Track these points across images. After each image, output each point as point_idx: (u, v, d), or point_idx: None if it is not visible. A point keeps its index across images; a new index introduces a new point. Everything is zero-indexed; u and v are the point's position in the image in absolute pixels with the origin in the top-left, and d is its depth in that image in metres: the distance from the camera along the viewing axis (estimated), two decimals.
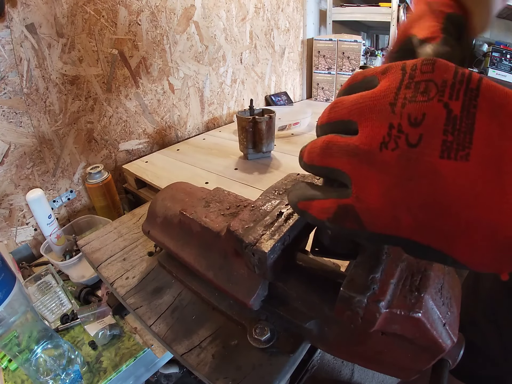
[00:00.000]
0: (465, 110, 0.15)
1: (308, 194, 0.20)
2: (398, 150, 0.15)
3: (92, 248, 0.51)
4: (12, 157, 0.70)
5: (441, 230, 0.15)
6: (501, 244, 0.14)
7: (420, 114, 0.15)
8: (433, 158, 0.15)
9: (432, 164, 0.15)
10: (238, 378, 0.31)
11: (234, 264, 0.34)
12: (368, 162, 0.16)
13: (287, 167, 0.82)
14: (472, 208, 0.14)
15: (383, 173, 0.16)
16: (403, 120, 0.15)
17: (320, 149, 0.19)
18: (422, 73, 0.16)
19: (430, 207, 0.15)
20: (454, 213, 0.14)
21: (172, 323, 0.38)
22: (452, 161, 0.14)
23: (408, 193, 0.15)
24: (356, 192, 0.17)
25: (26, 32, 0.66)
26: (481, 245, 0.15)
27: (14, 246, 0.76)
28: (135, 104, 0.93)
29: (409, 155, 0.15)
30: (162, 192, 0.46)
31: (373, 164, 0.16)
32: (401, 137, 0.15)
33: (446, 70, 0.16)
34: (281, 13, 1.36)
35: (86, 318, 0.55)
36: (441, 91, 0.15)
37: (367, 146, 0.16)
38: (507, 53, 2.12)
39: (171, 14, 0.95)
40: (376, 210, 0.16)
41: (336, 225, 0.18)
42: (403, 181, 0.15)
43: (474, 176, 0.14)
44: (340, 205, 0.18)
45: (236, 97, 1.28)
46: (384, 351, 0.27)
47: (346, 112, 0.18)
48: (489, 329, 0.48)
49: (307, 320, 0.32)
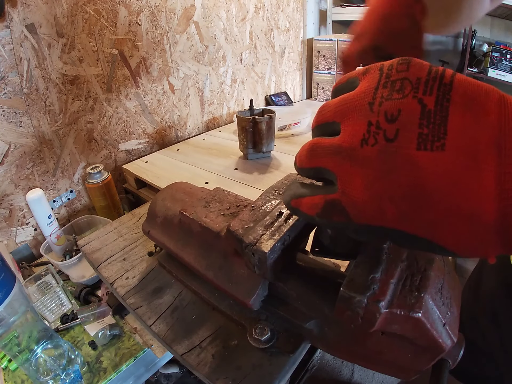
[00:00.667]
0: (438, 104, 0.15)
1: (299, 192, 0.21)
2: (377, 145, 0.16)
3: (92, 248, 0.51)
4: (12, 157, 0.70)
5: (424, 219, 0.16)
6: (483, 229, 0.15)
7: (396, 111, 0.16)
8: (411, 150, 0.15)
9: (410, 156, 0.15)
10: (238, 378, 0.31)
11: (234, 264, 0.34)
12: (351, 158, 0.17)
13: (287, 167, 0.82)
14: (452, 196, 0.15)
15: (365, 168, 0.17)
16: (380, 117, 0.16)
17: (306, 151, 0.20)
18: (398, 72, 0.17)
19: (411, 197, 0.16)
20: (435, 202, 0.15)
21: (172, 323, 0.38)
22: (428, 152, 0.15)
23: (390, 185, 0.16)
24: (342, 187, 0.18)
25: (26, 32, 0.66)
26: (464, 231, 0.15)
27: (14, 246, 0.76)
28: (135, 104, 0.93)
29: (388, 149, 0.16)
30: (162, 192, 0.46)
31: (355, 160, 0.17)
32: (379, 133, 0.16)
33: (421, 68, 0.17)
34: (281, 13, 1.36)
35: (86, 318, 0.55)
36: (416, 88, 0.16)
37: (349, 144, 0.17)
38: (507, 53, 2.12)
39: (171, 14, 0.95)
40: (361, 203, 0.17)
41: (325, 219, 0.19)
42: (384, 174, 0.16)
43: (451, 165, 0.15)
44: (327, 200, 0.19)
45: (236, 97, 1.28)
46: (384, 351, 0.27)
47: (330, 114, 0.19)
48: (489, 329, 0.48)
49: (307, 320, 0.32)
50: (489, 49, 2.16)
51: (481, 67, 2.21)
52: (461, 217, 0.15)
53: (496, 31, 2.29)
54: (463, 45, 2.34)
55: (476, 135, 0.14)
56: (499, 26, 2.27)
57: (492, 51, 2.14)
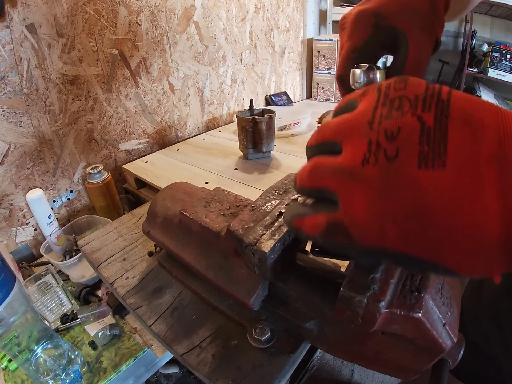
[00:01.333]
0: (437, 120, 0.15)
1: (300, 212, 0.21)
2: (378, 164, 0.16)
3: (92, 248, 0.51)
4: (12, 157, 0.70)
5: (427, 239, 0.15)
6: (487, 246, 0.14)
7: (396, 129, 0.16)
8: (412, 169, 0.15)
9: (411, 175, 0.15)
10: (238, 378, 0.31)
11: (234, 264, 0.34)
12: (353, 178, 0.17)
13: (287, 167, 0.82)
14: (454, 214, 0.14)
15: (367, 187, 0.16)
16: (381, 135, 0.16)
17: (308, 172, 0.20)
18: (396, 90, 0.17)
19: (413, 216, 0.15)
20: (438, 221, 0.15)
21: (172, 323, 0.38)
22: (430, 170, 0.15)
23: (392, 204, 0.16)
24: (344, 207, 0.17)
25: (26, 32, 0.66)
26: (468, 250, 0.15)
27: (14, 246, 0.76)
28: (135, 104, 0.93)
29: (389, 168, 0.16)
30: (162, 192, 0.46)
31: (357, 180, 0.17)
32: (380, 152, 0.16)
33: (418, 86, 0.17)
34: (281, 13, 1.36)
35: (86, 318, 0.55)
36: (414, 105, 0.16)
37: (350, 163, 0.17)
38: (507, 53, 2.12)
39: (171, 14, 0.95)
40: (363, 223, 0.17)
41: (327, 240, 0.19)
42: (386, 193, 0.16)
43: (453, 182, 0.14)
44: (330, 220, 0.18)
45: (236, 97, 1.28)
46: (384, 351, 0.27)
47: (330, 134, 0.19)
48: (491, 329, 0.48)
49: (307, 320, 0.32)
50: (489, 49, 2.16)
51: (481, 67, 2.21)
52: (465, 235, 0.14)
53: (496, 31, 2.29)
54: (463, 45, 2.34)
55: (476, 150, 0.14)
56: (499, 26, 2.27)
57: (492, 51, 2.14)
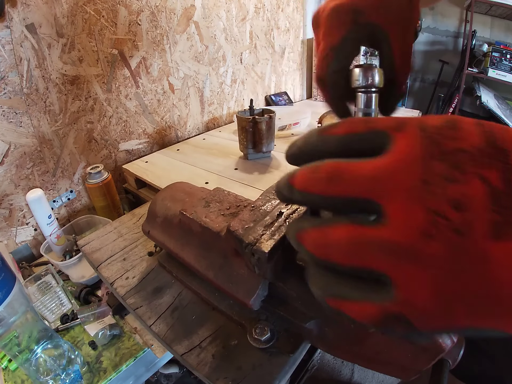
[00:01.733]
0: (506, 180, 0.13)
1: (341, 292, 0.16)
2: (444, 240, 0.13)
3: (92, 248, 0.51)
4: (12, 157, 0.70)
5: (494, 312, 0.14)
6: None
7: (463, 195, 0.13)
8: (485, 244, 0.13)
9: (485, 251, 0.13)
10: (238, 378, 0.31)
11: (234, 264, 0.34)
12: (410, 258, 0.14)
13: (287, 167, 0.82)
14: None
15: (431, 269, 0.14)
16: (444, 203, 0.13)
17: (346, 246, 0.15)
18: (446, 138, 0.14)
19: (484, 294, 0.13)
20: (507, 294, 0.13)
21: (172, 323, 0.38)
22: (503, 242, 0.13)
23: (461, 285, 0.13)
24: (403, 296, 0.14)
25: (26, 32, 0.66)
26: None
27: (14, 246, 0.76)
28: (135, 104, 0.93)
29: (458, 245, 0.13)
30: (162, 192, 0.46)
31: (417, 260, 0.14)
32: (445, 224, 0.13)
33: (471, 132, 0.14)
34: (281, 13, 1.36)
35: (86, 318, 0.55)
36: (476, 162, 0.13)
37: (406, 239, 0.14)
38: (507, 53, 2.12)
39: (171, 14, 0.95)
40: (429, 312, 0.14)
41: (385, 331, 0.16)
42: (456, 275, 0.13)
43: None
44: (387, 313, 0.15)
45: (236, 97, 1.28)
46: (384, 351, 0.27)
47: (362, 189, 0.15)
48: None
49: (307, 320, 0.32)
50: (489, 49, 2.16)
51: (481, 67, 2.21)
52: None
53: (496, 31, 2.29)
54: (463, 45, 2.34)
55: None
56: (499, 26, 2.27)
57: (492, 51, 2.14)
